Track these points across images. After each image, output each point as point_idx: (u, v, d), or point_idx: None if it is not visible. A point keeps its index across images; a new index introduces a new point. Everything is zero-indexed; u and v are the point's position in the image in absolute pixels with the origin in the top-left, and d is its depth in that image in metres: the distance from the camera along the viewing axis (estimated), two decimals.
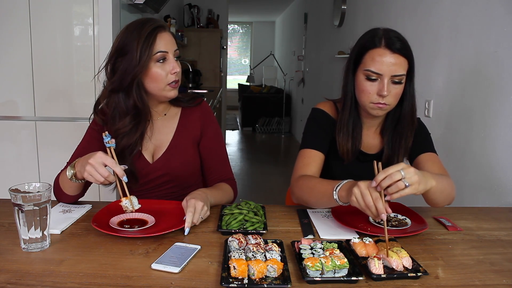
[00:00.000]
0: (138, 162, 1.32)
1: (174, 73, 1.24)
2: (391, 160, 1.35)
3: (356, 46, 1.28)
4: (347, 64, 1.31)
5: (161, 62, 1.23)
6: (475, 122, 1.86)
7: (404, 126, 1.32)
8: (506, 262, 0.97)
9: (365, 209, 1.01)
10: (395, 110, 1.31)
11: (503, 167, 1.67)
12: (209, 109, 1.44)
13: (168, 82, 1.24)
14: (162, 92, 1.26)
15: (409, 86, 1.27)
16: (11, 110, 2.37)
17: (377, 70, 1.20)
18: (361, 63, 1.25)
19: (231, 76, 11.26)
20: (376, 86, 1.22)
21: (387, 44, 1.19)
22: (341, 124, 1.33)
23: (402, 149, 1.33)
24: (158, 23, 1.24)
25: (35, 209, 0.94)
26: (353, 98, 1.31)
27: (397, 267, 0.88)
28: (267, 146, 7.09)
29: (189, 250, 0.97)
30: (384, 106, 1.23)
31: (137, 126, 1.26)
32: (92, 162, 1.07)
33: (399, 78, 1.21)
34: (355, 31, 3.80)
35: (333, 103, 1.42)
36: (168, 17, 4.16)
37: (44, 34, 2.28)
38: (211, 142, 1.40)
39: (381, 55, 1.19)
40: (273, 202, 1.39)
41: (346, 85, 1.32)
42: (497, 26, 1.73)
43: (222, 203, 1.30)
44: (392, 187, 0.99)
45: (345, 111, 1.33)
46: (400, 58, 1.19)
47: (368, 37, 1.24)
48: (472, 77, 1.91)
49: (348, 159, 1.34)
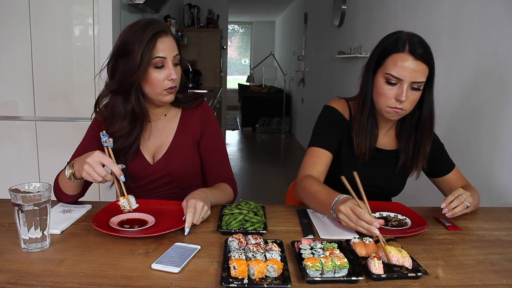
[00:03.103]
0: (139, 163, 1.32)
1: (170, 79, 1.22)
2: (409, 167, 1.36)
3: (378, 48, 1.27)
4: (368, 64, 1.29)
5: (159, 68, 1.21)
6: (475, 122, 1.86)
7: (423, 133, 1.31)
8: (506, 262, 0.97)
9: (355, 227, 1.04)
10: (413, 115, 1.30)
11: (503, 167, 1.67)
12: (210, 109, 1.44)
13: (164, 88, 1.23)
14: (158, 96, 1.26)
15: (429, 93, 1.26)
16: (11, 110, 2.37)
17: (398, 75, 1.19)
18: (382, 65, 1.23)
19: (231, 76, 11.26)
20: (395, 91, 1.21)
21: (410, 50, 1.18)
22: (360, 126, 1.31)
23: (421, 156, 1.33)
24: (161, 27, 1.21)
25: (35, 209, 0.94)
26: (372, 99, 1.29)
27: (398, 262, 0.89)
28: (267, 146, 7.09)
29: (189, 250, 0.97)
30: (400, 111, 1.23)
31: (132, 130, 1.26)
32: (90, 161, 1.07)
33: (418, 85, 1.20)
34: (355, 31, 3.80)
35: (345, 102, 1.40)
36: (168, 17, 4.16)
37: (44, 34, 2.28)
38: (211, 142, 1.40)
39: (404, 60, 1.18)
40: (273, 202, 1.39)
41: (365, 86, 1.30)
42: (497, 26, 1.73)
43: (222, 203, 1.30)
44: (459, 207, 1.17)
45: (363, 112, 1.31)
46: (422, 65, 1.18)
47: (391, 40, 1.22)
48: (472, 77, 1.91)
49: (364, 159, 1.33)
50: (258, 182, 4.75)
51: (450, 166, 1.42)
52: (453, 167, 1.42)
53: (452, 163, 1.43)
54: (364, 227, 1.01)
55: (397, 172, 1.37)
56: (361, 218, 1.01)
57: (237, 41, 12.24)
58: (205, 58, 5.44)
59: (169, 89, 1.24)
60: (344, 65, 4.15)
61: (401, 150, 1.36)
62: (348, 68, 3.98)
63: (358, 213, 1.01)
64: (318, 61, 5.51)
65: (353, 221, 1.03)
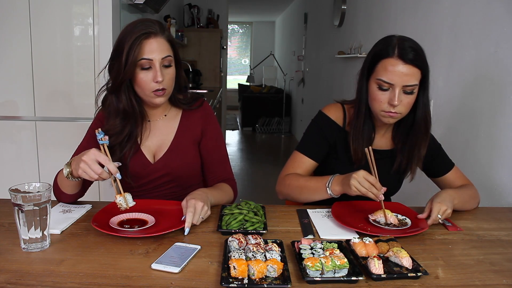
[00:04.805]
0: (140, 161, 1.32)
1: (156, 81, 1.21)
2: (405, 168, 1.37)
3: (370, 53, 1.27)
4: (362, 70, 1.30)
5: (146, 69, 1.21)
6: (475, 122, 1.86)
7: (417, 135, 1.31)
8: (506, 262, 0.97)
9: (366, 193, 1.14)
10: (408, 117, 1.31)
11: (503, 167, 1.67)
12: (210, 109, 1.44)
13: (152, 90, 1.23)
14: (148, 98, 1.26)
15: (422, 96, 1.26)
16: (11, 110, 2.37)
17: (388, 80, 1.19)
18: (374, 71, 1.24)
19: (231, 76, 11.26)
20: (388, 95, 1.21)
21: (400, 54, 1.18)
22: (356, 131, 1.32)
23: (416, 158, 1.33)
24: (149, 28, 1.20)
25: (35, 209, 0.94)
26: (367, 104, 1.30)
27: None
28: (267, 146, 7.09)
29: (189, 250, 0.97)
30: (395, 114, 1.23)
31: (124, 128, 1.27)
32: (86, 159, 1.07)
33: (411, 88, 1.20)
34: (355, 31, 3.80)
35: (340, 106, 1.41)
36: (168, 17, 4.16)
37: (44, 34, 2.29)
38: (211, 143, 1.40)
39: (394, 65, 1.18)
40: (273, 202, 1.39)
41: (360, 91, 1.31)
42: (497, 26, 1.73)
43: (222, 203, 1.30)
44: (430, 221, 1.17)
45: (359, 117, 1.32)
46: (413, 68, 1.18)
47: (382, 46, 1.23)
48: (472, 77, 1.91)
49: (361, 163, 1.33)
50: (258, 182, 4.75)
51: (449, 166, 1.42)
52: (451, 167, 1.42)
53: (451, 162, 1.43)
54: (374, 193, 1.13)
55: (392, 172, 1.37)
56: (373, 185, 1.13)
57: (237, 41, 12.23)
58: (205, 58, 5.44)
59: (156, 92, 1.23)
60: (344, 65, 4.16)
61: (397, 152, 1.36)
62: (348, 68, 3.97)
63: (371, 180, 1.13)
64: (318, 61, 5.51)
65: (365, 187, 1.13)
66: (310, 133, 1.41)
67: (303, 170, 1.37)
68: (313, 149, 1.38)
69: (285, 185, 1.34)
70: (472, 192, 1.35)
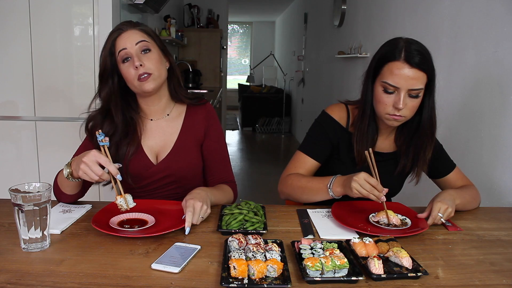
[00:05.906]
0: (142, 163, 1.32)
1: (136, 67, 1.23)
2: (408, 171, 1.37)
3: (376, 56, 1.27)
4: (367, 72, 1.30)
5: (127, 60, 1.24)
6: (476, 122, 1.86)
7: (423, 138, 1.30)
8: (506, 262, 0.97)
9: (367, 195, 1.13)
10: (412, 120, 1.30)
11: (503, 167, 1.67)
12: (213, 110, 1.44)
13: (136, 78, 1.24)
14: (137, 88, 1.27)
15: (428, 99, 1.25)
16: (11, 110, 2.37)
17: (394, 83, 1.19)
18: (379, 74, 1.23)
19: (231, 76, 11.26)
20: (393, 98, 1.21)
21: (406, 58, 1.17)
22: (360, 133, 1.32)
23: (421, 161, 1.32)
24: (119, 27, 1.27)
25: (35, 209, 0.94)
26: (371, 106, 1.30)
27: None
28: (267, 146, 7.09)
29: (189, 250, 0.97)
30: (399, 118, 1.22)
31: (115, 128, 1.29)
32: (86, 161, 1.07)
33: (416, 92, 1.20)
34: (355, 31, 3.80)
35: (344, 106, 1.41)
36: (168, 17, 4.16)
37: (44, 34, 2.29)
38: (213, 144, 1.40)
39: (400, 68, 1.18)
40: (273, 202, 1.39)
41: (365, 93, 1.30)
42: (497, 26, 1.73)
43: (222, 203, 1.30)
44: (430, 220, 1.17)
45: (364, 119, 1.31)
46: (419, 72, 1.17)
47: (388, 48, 1.22)
48: (472, 77, 1.91)
49: (363, 164, 1.32)
50: (258, 182, 4.75)
51: (450, 167, 1.42)
52: (453, 168, 1.42)
53: (452, 163, 1.43)
54: (375, 195, 1.13)
55: (395, 174, 1.37)
56: (375, 187, 1.13)
57: (237, 41, 12.23)
58: (205, 58, 5.44)
59: (141, 78, 1.24)
60: (344, 65, 4.15)
61: (401, 155, 1.36)
62: (348, 68, 3.97)
63: (372, 183, 1.13)
64: (318, 61, 5.51)
65: (367, 189, 1.13)
66: (313, 133, 1.40)
67: (305, 170, 1.37)
68: (316, 150, 1.38)
69: (286, 185, 1.34)
70: (473, 192, 1.35)
